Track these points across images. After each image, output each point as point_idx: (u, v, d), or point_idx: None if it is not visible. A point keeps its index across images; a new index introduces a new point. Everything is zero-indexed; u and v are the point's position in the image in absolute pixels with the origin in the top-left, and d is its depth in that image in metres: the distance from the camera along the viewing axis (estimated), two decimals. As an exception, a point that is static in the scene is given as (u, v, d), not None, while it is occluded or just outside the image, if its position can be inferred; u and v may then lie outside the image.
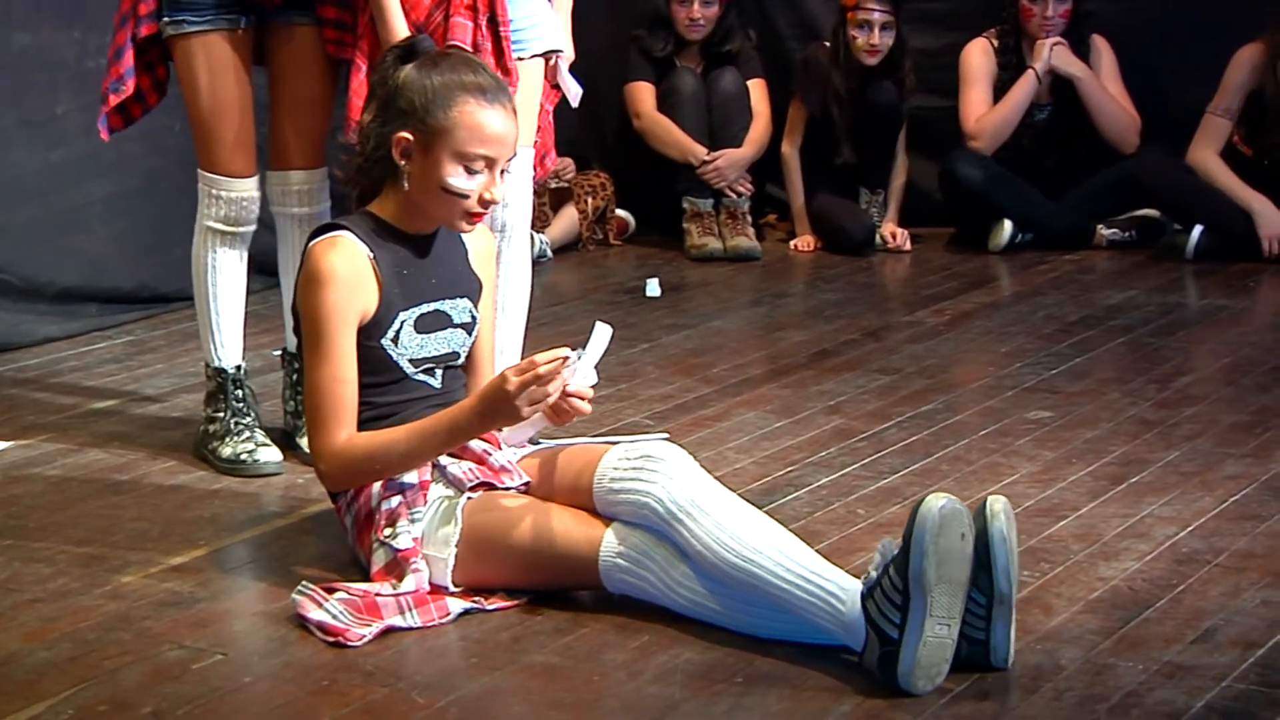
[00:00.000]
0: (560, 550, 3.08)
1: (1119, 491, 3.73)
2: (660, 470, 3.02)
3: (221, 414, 4.03)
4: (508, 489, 3.18)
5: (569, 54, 4.03)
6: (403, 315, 3.24)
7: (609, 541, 3.05)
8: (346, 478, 3.21)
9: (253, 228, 4.02)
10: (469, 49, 3.70)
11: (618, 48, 6.76)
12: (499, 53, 3.76)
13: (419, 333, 3.26)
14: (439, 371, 3.31)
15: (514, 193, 3.88)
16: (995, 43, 6.62)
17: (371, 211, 3.29)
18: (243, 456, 3.95)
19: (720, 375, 4.78)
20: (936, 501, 2.74)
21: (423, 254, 3.30)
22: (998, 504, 2.82)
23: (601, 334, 3.07)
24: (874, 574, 2.81)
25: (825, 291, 5.95)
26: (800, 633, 2.91)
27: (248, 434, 3.99)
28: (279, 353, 4.31)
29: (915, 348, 5.07)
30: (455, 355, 3.33)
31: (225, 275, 4.02)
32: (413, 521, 3.13)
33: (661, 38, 6.72)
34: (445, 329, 3.30)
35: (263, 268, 4.46)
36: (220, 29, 3.90)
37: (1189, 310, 5.57)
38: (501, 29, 3.76)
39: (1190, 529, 3.49)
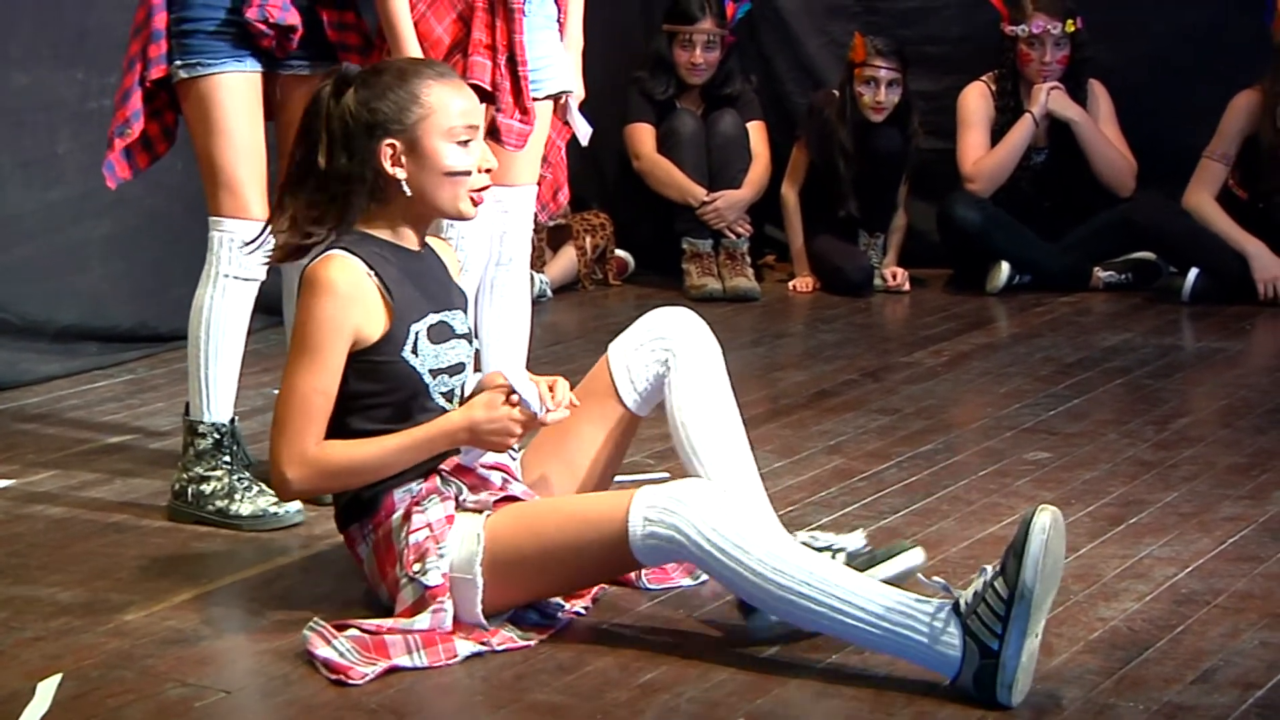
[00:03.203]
0: (586, 529, 3.07)
1: (1118, 532, 3.74)
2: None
3: (217, 472, 3.90)
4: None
5: (579, 93, 4.06)
6: (415, 326, 3.24)
7: (636, 504, 3.02)
8: (316, 484, 3.20)
9: (263, 278, 3.91)
10: (488, 88, 3.73)
11: (617, 89, 6.79)
12: (517, 92, 3.79)
13: (433, 343, 3.26)
14: (456, 393, 3.31)
15: (515, 226, 3.91)
16: (993, 86, 6.64)
17: (363, 231, 3.27)
18: (270, 510, 3.85)
19: (720, 415, 4.78)
20: (1045, 515, 2.81)
21: (417, 268, 3.30)
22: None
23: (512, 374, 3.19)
24: (971, 595, 2.85)
25: (824, 332, 5.97)
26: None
27: (255, 488, 3.88)
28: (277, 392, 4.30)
29: (914, 388, 5.09)
30: (463, 366, 3.33)
31: (230, 330, 3.89)
32: (441, 556, 3.11)
33: (663, 80, 6.75)
34: (451, 339, 3.30)
35: (262, 306, 4.45)
36: (236, 70, 3.83)
37: (1185, 352, 5.59)
38: (520, 69, 3.79)
39: (1189, 570, 3.50)
